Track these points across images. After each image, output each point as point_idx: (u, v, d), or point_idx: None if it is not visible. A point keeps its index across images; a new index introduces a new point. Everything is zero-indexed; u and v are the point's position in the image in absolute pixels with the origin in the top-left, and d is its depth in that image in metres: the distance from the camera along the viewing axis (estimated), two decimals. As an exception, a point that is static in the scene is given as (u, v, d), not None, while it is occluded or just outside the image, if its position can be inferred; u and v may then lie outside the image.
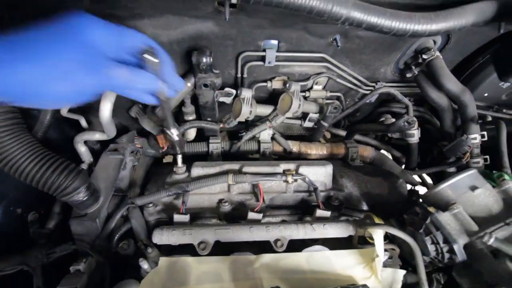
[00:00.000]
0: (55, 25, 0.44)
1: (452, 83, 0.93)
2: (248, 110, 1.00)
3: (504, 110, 1.13)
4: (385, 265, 0.78)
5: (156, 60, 0.51)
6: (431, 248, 0.70)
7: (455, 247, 0.66)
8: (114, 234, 0.79)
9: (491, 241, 0.58)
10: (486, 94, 1.07)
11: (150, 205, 0.84)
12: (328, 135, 1.41)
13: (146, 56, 0.50)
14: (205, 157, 1.10)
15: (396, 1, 0.69)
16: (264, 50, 0.91)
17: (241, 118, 1.03)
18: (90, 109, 0.97)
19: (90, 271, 0.71)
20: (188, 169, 0.90)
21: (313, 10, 0.58)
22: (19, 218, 0.84)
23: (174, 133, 0.81)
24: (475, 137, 0.98)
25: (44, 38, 0.43)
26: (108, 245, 0.78)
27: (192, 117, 1.05)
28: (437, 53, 0.93)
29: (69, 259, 0.73)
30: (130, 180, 0.94)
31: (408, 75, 1.04)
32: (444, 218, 0.69)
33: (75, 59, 0.44)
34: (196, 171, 0.89)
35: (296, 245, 0.77)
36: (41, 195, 0.73)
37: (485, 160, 1.01)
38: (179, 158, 0.90)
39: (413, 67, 1.01)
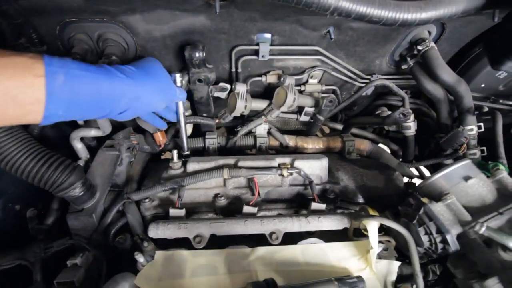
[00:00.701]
0: (151, 62, 0.69)
1: (447, 74, 0.93)
2: (243, 104, 1.00)
3: (501, 101, 1.12)
4: (381, 256, 0.78)
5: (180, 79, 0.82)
6: (425, 238, 0.70)
7: (448, 237, 0.66)
8: (111, 228, 0.80)
9: (482, 230, 0.58)
10: (482, 85, 1.06)
11: (146, 200, 0.84)
12: (326, 130, 1.41)
13: (177, 75, 0.80)
14: (202, 152, 1.11)
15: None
16: (257, 44, 0.91)
17: (237, 113, 1.03)
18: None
19: (87, 265, 0.72)
20: (184, 164, 0.91)
21: (301, 0, 0.58)
22: (17, 214, 0.86)
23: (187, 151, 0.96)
24: (472, 128, 0.97)
25: (156, 67, 0.69)
26: (105, 239, 0.79)
27: (187, 112, 1.06)
28: (432, 44, 0.93)
29: (67, 253, 0.75)
30: (127, 176, 0.94)
31: (404, 66, 1.03)
32: (437, 208, 0.68)
33: (168, 77, 0.73)
34: (192, 166, 0.90)
35: (291, 238, 0.77)
36: (40, 192, 0.74)
37: (482, 151, 1.01)
38: (175, 153, 0.91)
39: (408, 59, 1.00)
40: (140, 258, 0.70)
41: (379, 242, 0.75)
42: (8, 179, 0.84)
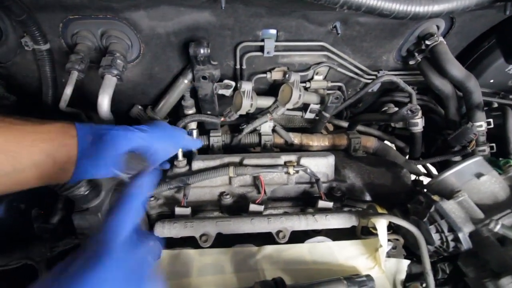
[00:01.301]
0: (161, 121, 0.80)
1: (456, 69, 0.91)
2: (248, 103, 0.99)
3: (511, 96, 1.10)
4: (389, 255, 0.77)
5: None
6: (436, 237, 0.69)
7: (460, 235, 0.65)
8: (116, 227, 0.80)
9: (497, 228, 0.57)
10: (492, 80, 1.04)
11: (152, 198, 0.84)
12: (330, 127, 1.39)
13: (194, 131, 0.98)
14: (206, 150, 1.10)
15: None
16: (262, 40, 0.90)
17: (242, 112, 1.02)
18: (89, 104, 0.97)
19: (92, 264, 0.71)
20: (189, 163, 0.90)
21: (310, -7, 0.56)
22: (22, 213, 0.85)
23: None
24: (481, 124, 0.96)
25: (165, 124, 0.76)
26: (111, 238, 0.79)
27: (192, 110, 1.05)
28: (441, 39, 0.91)
29: (73, 253, 0.74)
30: (131, 175, 0.94)
31: (411, 62, 1.02)
32: (449, 206, 0.67)
33: (176, 128, 0.82)
34: (197, 164, 0.89)
35: (298, 237, 0.77)
36: (45, 191, 0.73)
37: (491, 148, 0.99)
38: (180, 151, 0.90)
39: (416, 54, 0.99)
40: (146, 257, 0.69)
41: (388, 240, 0.73)
42: (13, 178, 0.83)
